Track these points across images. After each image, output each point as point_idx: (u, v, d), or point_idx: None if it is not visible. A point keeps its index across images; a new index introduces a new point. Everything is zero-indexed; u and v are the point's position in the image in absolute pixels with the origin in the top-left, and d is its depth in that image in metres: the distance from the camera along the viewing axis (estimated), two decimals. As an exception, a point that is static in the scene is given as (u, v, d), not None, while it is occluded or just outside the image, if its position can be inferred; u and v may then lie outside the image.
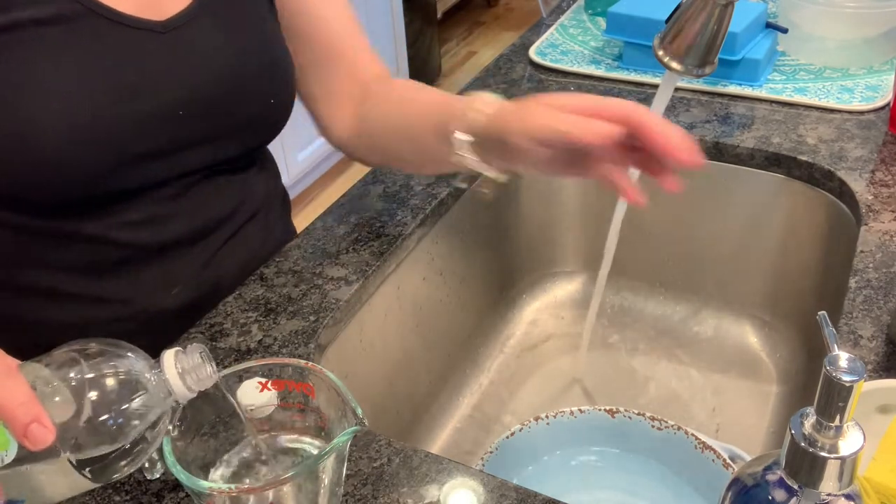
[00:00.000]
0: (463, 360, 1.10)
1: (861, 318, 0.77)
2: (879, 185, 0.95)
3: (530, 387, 1.09)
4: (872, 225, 0.89)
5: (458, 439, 1.03)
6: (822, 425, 0.43)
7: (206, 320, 0.83)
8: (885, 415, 0.65)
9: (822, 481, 0.44)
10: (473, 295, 1.10)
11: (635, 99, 1.15)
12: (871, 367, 0.72)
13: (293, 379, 0.63)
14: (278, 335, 0.81)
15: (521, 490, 0.65)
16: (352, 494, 0.66)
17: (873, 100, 1.10)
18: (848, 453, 0.43)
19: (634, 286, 1.19)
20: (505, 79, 1.24)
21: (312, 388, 0.62)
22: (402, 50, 3.06)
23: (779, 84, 1.16)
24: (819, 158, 1.00)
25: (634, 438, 0.86)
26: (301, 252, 0.92)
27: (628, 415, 0.86)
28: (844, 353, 0.42)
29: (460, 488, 0.66)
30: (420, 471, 0.67)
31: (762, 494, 0.46)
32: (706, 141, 1.05)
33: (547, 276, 1.22)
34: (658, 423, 0.85)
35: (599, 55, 1.28)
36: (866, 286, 0.81)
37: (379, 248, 0.92)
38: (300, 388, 0.63)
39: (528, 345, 1.15)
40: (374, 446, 0.70)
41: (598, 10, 1.41)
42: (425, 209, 0.98)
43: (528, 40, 1.35)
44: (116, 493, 0.67)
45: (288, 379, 0.63)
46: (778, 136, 1.05)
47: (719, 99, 1.14)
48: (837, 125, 1.06)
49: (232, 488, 0.58)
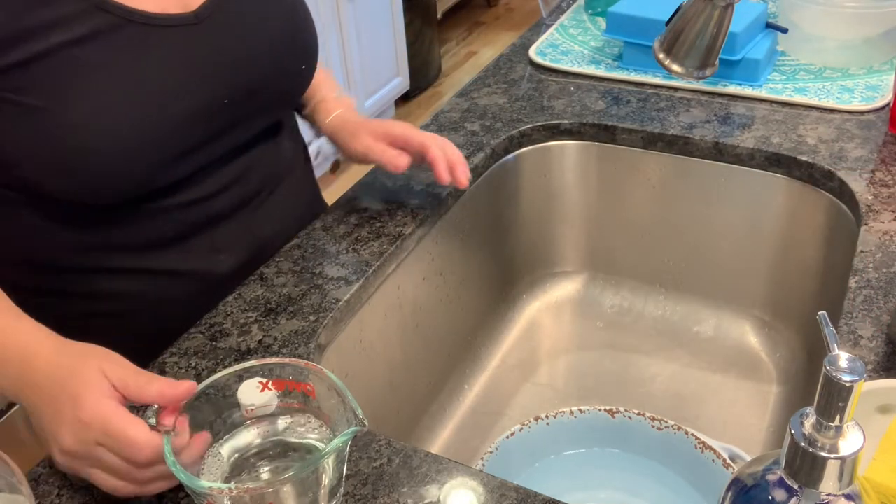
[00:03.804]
0: (463, 360, 1.10)
1: (861, 318, 0.77)
2: (879, 185, 0.95)
3: (530, 387, 1.09)
4: (872, 225, 0.89)
5: (458, 439, 1.03)
6: (822, 425, 0.43)
7: (206, 320, 0.83)
8: (885, 415, 0.65)
9: (822, 481, 0.44)
10: (473, 295, 1.10)
11: (635, 98, 1.15)
12: (871, 367, 0.72)
13: (293, 379, 0.63)
14: (278, 335, 0.81)
15: (521, 490, 0.65)
16: (352, 494, 0.66)
17: (873, 100, 1.10)
18: (848, 453, 0.43)
19: (634, 286, 1.19)
20: (505, 79, 1.24)
21: (313, 388, 0.62)
22: (402, 50, 3.06)
23: (779, 84, 1.16)
24: (819, 158, 1.00)
25: (634, 438, 0.86)
26: (301, 252, 0.92)
27: (628, 415, 0.86)
28: (844, 353, 0.42)
29: (460, 488, 0.66)
30: (420, 471, 0.67)
31: (762, 494, 0.46)
32: (706, 141, 1.06)
33: (547, 276, 1.22)
34: (658, 423, 0.85)
35: (599, 55, 1.28)
36: (866, 286, 0.81)
37: (379, 248, 0.92)
38: (300, 388, 0.63)
39: (528, 345, 1.15)
40: (374, 446, 0.70)
41: (598, 10, 1.41)
42: (425, 209, 0.98)
43: (528, 40, 1.35)
44: (116, 493, 0.67)
45: (288, 379, 0.63)
46: (778, 136, 1.05)
47: (719, 99, 1.14)
48: (837, 125, 1.06)
49: (231, 488, 0.58)
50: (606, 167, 1.13)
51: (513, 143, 1.11)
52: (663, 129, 1.08)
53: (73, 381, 0.60)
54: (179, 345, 0.81)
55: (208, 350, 0.80)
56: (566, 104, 1.16)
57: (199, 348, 0.80)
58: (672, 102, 1.14)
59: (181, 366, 0.79)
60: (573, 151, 1.14)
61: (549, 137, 1.13)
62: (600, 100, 1.16)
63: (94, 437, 0.58)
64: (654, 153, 1.10)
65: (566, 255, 1.21)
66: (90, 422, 0.58)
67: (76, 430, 0.59)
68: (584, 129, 1.12)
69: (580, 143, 1.13)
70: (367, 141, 0.91)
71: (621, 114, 1.12)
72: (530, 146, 1.13)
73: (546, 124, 1.12)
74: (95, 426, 0.58)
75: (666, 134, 1.08)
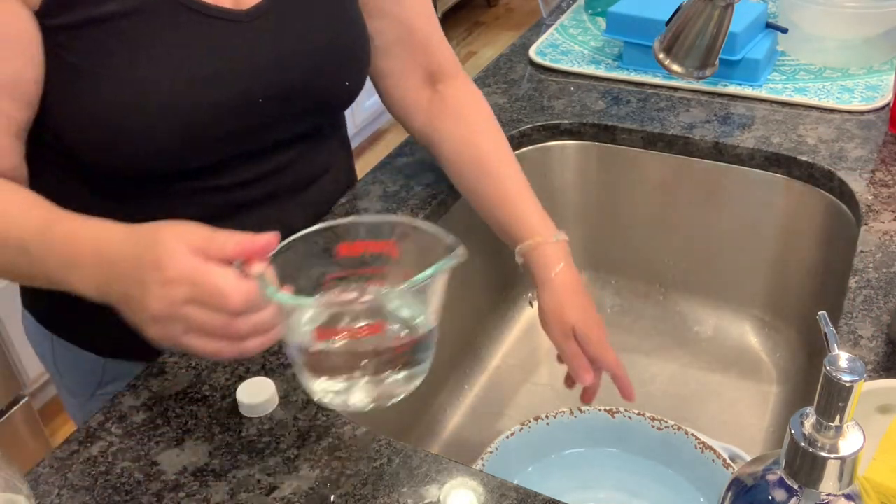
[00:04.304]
0: (463, 360, 1.10)
1: (861, 318, 0.77)
2: (879, 185, 0.95)
3: (530, 387, 1.09)
4: (872, 225, 0.89)
5: (458, 439, 1.03)
6: (822, 425, 0.43)
7: (207, 320, 0.83)
8: (885, 415, 0.65)
9: (822, 481, 0.44)
10: (473, 295, 1.10)
11: (635, 98, 1.15)
12: (871, 367, 0.72)
13: (369, 239, 0.61)
14: (278, 335, 0.81)
15: (521, 490, 0.65)
16: (352, 494, 0.66)
17: (873, 100, 1.10)
18: (848, 453, 0.43)
19: (634, 286, 1.19)
20: (505, 79, 1.24)
21: (393, 244, 0.60)
22: (403, 50, 3.05)
23: (779, 84, 1.16)
24: (819, 158, 1.00)
25: (634, 438, 0.86)
26: (301, 252, 0.92)
27: (628, 415, 0.86)
28: (844, 353, 0.42)
29: (460, 488, 0.66)
30: (420, 471, 0.67)
31: (762, 494, 0.46)
32: (706, 141, 1.06)
33: (547, 276, 1.21)
34: (658, 423, 0.85)
35: (599, 55, 1.28)
36: (866, 286, 0.81)
37: (379, 248, 0.92)
38: (378, 249, 0.61)
39: (528, 345, 1.15)
40: (374, 446, 0.70)
41: (598, 10, 1.41)
42: (425, 209, 0.97)
43: (528, 40, 1.35)
44: (116, 493, 0.67)
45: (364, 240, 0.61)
46: (778, 136, 1.05)
47: (719, 99, 1.14)
48: (837, 125, 1.06)
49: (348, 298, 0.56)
50: (606, 167, 1.13)
51: (513, 143, 1.10)
52: (663, 129, 1.08)
53: (153, 250, 0.59)
54: (179, 345, 0.81)
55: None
56: (566, 104, 1.16)
57: (199, 348, 0.80)
58: (672, 102, 1.14)
59: (181, 365, 0.79)
60: (573, 151, 1.14)
61: (549, 137, 1.13)
62: (600, 100, 1.16)
63: (181, 294, 0.57)
64: (654, 153, 1.10)
65: (566, 255, 1.21)
66: (176, 278, 0.57)
67: (163, 293, 0.58)
68: (584, 129, 1.12)
69: (580, 143, 1.13)
70: (560, 334, 0.87)
71: (621, 114, 1.12)
72: (530, 146, 1.13)
73: (546, 124, 1.12)
74: (182, 282, 0.57)
75: (666, 134, 1.08)
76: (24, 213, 0.69)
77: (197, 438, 0.71)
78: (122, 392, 0.76)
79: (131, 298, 0.61)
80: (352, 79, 0.89)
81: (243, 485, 0.67)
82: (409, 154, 1.09)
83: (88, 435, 0.73)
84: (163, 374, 0.78)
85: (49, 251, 0.66)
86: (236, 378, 0.77)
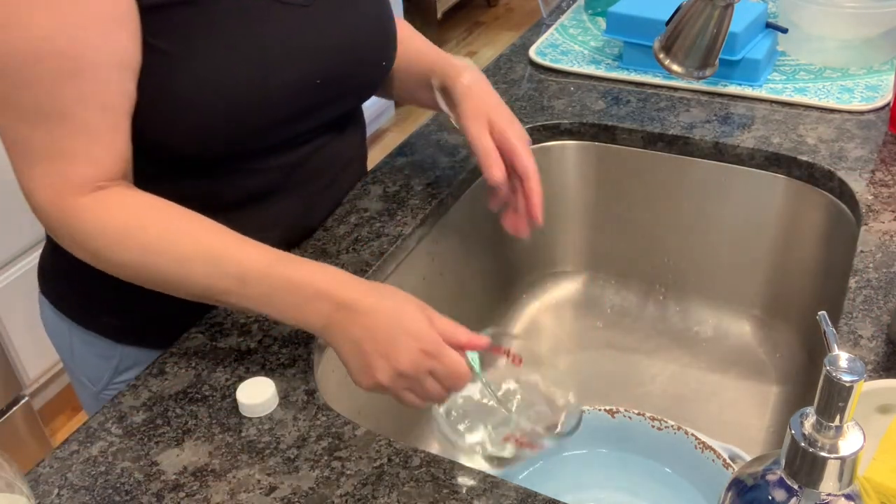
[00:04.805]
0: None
1: (861, 318, 0.77)
2: (879, 185, 0.95)
3: (530, 387, 1.09)
4: (872, 225, 0.89)
5: (458, 439, 1.03)
6: (822, 425, 0.43)
7: (207, 320, 0.83)
8: (885, 415, 0.65)
9: (822, 481, 0.44)
10: (473, 295, 1.10)
11: (635, 98, 1.15)
12: (871, 367, 0.72)
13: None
14: (278, 335, 0.81)
15: (521, 490, 0.65)
16: (352, 494, 0.66)
17: (873, 100, 1.10)
18: (848, 453, 0.43)
19: (634, 286, 1.19)
20: (505, 79, 1.24)
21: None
22: (402, 50, 3.05)
23: (779, 84, 1.16)
24: (819, 158, 1.00)
25: (634, 438, 0.86)
26: (301, 252, 0.92)
27: (628, 415, 0.86)
28: (844, 353, 0.42)
29: (460, 488, 0.66)
30: (420, 471, 0.67)
31: (762, 494, 0.46)
32: (706, 141, 1.06)
33: (547, 276, 1.22)
34: (658, 423, 0.85)
35: (599, 55, 1.28)
36: (866, 286, 0.81)
37: (379, 248, 0.92)
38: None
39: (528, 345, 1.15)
40: (374, 446, 0.70)
41: (598, 10, 1.41)
42: (425, 209, 0.98)
43: (528, 40, 1.35)
44: (116, 493, 0.67)
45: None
46: (778, 136, 1.05)
47: (719, 99, 1.14)
48: (837, 125, 1.06)
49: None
50: (606, 167, 1.13)
51: (513, 143, 1.11)
52: (663, 129, 1.08)
53: (406, 319, 0.69)
54: (180, 345, 0.81)
55: (208, 350, 0.80)
56: (566, 104, 1.16)
57: (199, 348, 0.80)
58: (672, 102, 1.14)
59: (181, 366, 0.79)
60: (573, 151, 1.14)
61: (549, 137, 1.13)
62: (600, 100, 1.16)
63: (428, 365, 0.68)
64: (654, 153, 1.10)
65: (566, 255, 1.21)
66: (430, 352, 0.68)
67: (416, 359, 0.68)
68: (584, 129, 1.12)
69: (580, 143, 1.13)
70: (475, 126, 0.87)
71: (621, 114, 1.12)
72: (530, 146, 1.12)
73: (546, 124, 1.12)
74: (432, 356, 0.68)
75: (666, 134, 1.08)
76: (238, 243, 0.73)
77: (197, 438, 0.72)
78: (123, 392, 0.76)
79: (372, 352, 0.69)
80: (388, 58, 0.92)
81: (243, 485, 0.67)
82: (409, 154, 1.09)
83: (88, 435, 0.73)
84: (163, 374, 0.78)
85: (272, 287, 0.71)
86: (236, 378, 0.77)
